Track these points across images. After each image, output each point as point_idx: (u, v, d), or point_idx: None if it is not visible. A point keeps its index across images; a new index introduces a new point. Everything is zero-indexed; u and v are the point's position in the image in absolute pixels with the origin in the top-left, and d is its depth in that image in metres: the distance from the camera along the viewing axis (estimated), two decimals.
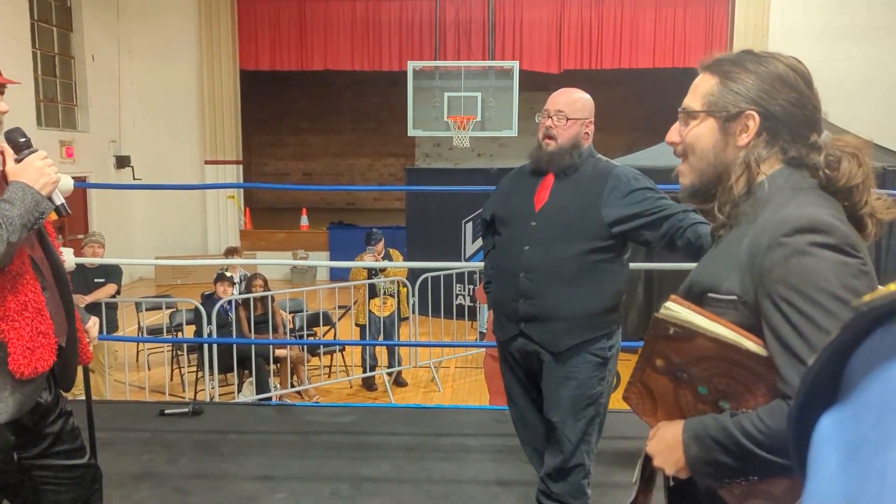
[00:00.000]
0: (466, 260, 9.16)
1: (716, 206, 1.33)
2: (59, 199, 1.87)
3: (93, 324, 2.19)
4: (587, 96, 2.57)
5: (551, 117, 2.49)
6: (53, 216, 1.97)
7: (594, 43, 12.68)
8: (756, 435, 1.15)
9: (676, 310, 1.24)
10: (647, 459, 1.34)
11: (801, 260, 1.16)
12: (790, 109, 1.28)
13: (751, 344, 1.19)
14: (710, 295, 1.27)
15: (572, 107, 2.49)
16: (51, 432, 1.97)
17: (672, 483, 1.34)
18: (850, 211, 1.25)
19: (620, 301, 2.54)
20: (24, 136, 1.84)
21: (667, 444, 1.28)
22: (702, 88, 1.34)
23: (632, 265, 2.70)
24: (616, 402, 2.36)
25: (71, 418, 2.05)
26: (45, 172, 1.80)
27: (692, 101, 1.35)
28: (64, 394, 2.09)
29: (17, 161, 1.80)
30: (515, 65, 11.67)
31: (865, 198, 1.25)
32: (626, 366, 1.88)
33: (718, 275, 1.28)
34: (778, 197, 1.25)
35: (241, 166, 13.31)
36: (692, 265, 1.47)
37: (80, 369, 2.30)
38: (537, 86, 13.52)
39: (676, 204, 2.36)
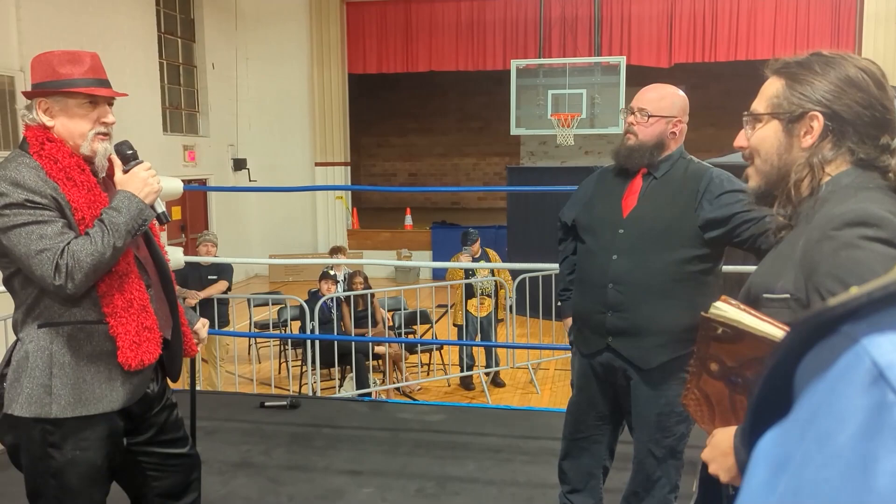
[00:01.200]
0: None
1: (776, 206, 1.31)
2: (160, 208, 2.00)
3: (202, 325, 2.30)
4: (678, 93, 2.40)
5: (634, 114, 2.36)
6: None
7: (707, 34, 12.18)
8: None
9: (724, 309, 1.20)
10: (705, 468, 1.29)
11: (849, 253, 1.13)
12: (858, 110, 1.23)
13: None
14: (765, 295, 1.25)
15: (657, 104, 2.35)
16: (156, 421, 2.09)
17: (732, 492, 1.29)
18: None
19: None
20: (131, 148, 1.98)
21: (720, 450, 1.24)
22: (768, 91, 1.33)
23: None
24: None
25: (175, 410, 2.18)
26: (149, 182, 1.93)
27: (758, 104, 1.34)
28: (170, 384, 2.23)
29: (125, 171, 1.93)
30: (622, 60, 11.39)
31: None
32: None
33: (774, 275, 1.25)
34: (838, 195, 1.22)
35: (349, 167, 13.72)
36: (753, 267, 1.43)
37: (189, 362, 2.47)
38: (646, 81, 13.02)
39: (766, 207, 2.22)
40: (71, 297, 1.81)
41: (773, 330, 1.15)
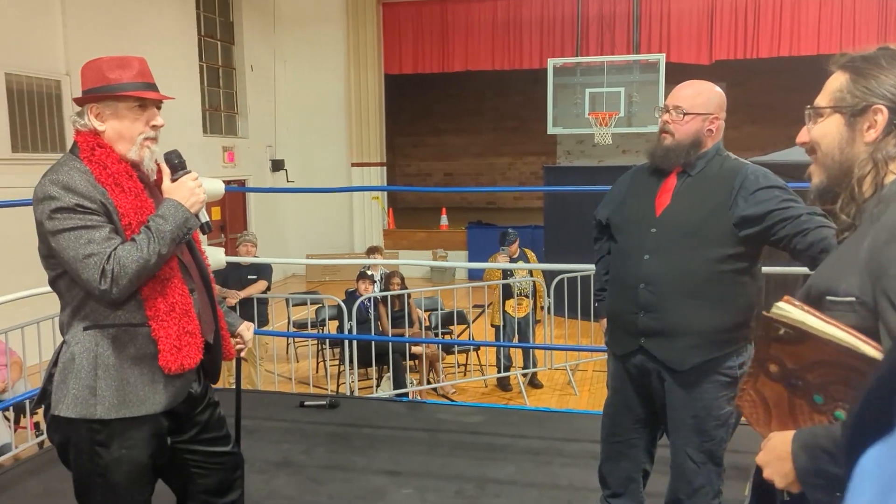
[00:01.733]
0: None
1: (839, 205, 1.26)
2: (204, 217, 2.03)
3: (245, 328, 2.31)
4: (714, 89, 2.35)
5: (669, 112, 2.30)
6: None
7: (749, 30, 11.94)
8: None
9: (787, 310, 1.16)
10: (759, 472, 1.25)
11: None
12: None
13: (868, 348, 1.08)
14: (828, 298, 1.19)
15: (692, 101, 2.29)
16: (199, 421, 2.11)
17: (787, 498, 1.24)
18: None
19: (752, 315, 2.30)
20: (180, 157, 2.01)
21: (776, 454, 1.19)
22: (832, 86, 1.29)
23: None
24: None
25: (218, 409, 2.19)
26: (195, 192, 1.95)
27: (821, 98, 1.30)
28: (212, 385, 2.24)
29: (173, 181, 1.96)
30: (662, 57, 11.23)
31: None
32: None
33: (837, 276, 1.20)
34: None
35: (384, 168, 13.78)
36: (803, 268, 1.39)
37: (234, 363, 2.48)
38: (686, 78, 12.84)
39: (804, 206, 2.15)
40: (115, 301, 1.83)
41: (840, 333, 1.11)
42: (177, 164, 1.98)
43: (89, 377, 1.86)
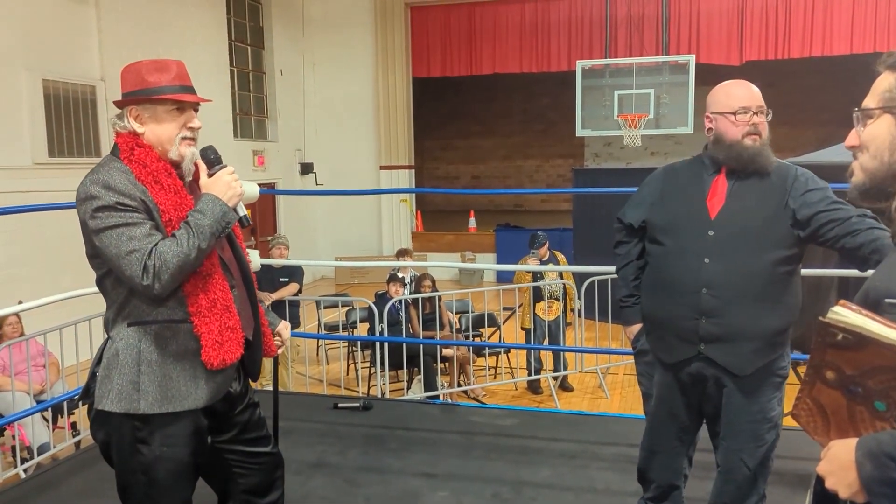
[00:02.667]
0: None
1: (894, 207, 1.22)
2: (242, 211, 2.04)
3: (284, 327, 2.32)
4: None
5: (756, 114, 2.25)
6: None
7: (780, 30, 11.77)
8: None
9: (845, 314, 1.11)
10: (820, 482, 1.21)
11: None
12: None
13: None
14: (887, 301, 1.15)
15: (761, 99, 2.29)
16: (240, 420, 2.12)
17: None
18: None
19: (797, 315, 2.29)
20: (216, 153, 2.03)
21: (839, 463, 1.15)
22: (880, 87, 1.26)
23: None
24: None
25: (258, 409, 2.20)
26: (232, 186, 1.96)
27: (870, 100, 1.27)
28: (252, 384, 2.25)
29: (210, 175, 1.98)
30: (692, 58, 11.11)
31: None
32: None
33: None
34: None
35: (413, 171, 13.81)
36: (841, 271, 1.36)
37: (270, 363, 2.49)
38: (715, 79, 12.60)
39: (852, 207, 2.12)
40: (158, 296, 1.84)
41: None
42: (213, 160, 2.00)
43: (133, 372, 1.88)
